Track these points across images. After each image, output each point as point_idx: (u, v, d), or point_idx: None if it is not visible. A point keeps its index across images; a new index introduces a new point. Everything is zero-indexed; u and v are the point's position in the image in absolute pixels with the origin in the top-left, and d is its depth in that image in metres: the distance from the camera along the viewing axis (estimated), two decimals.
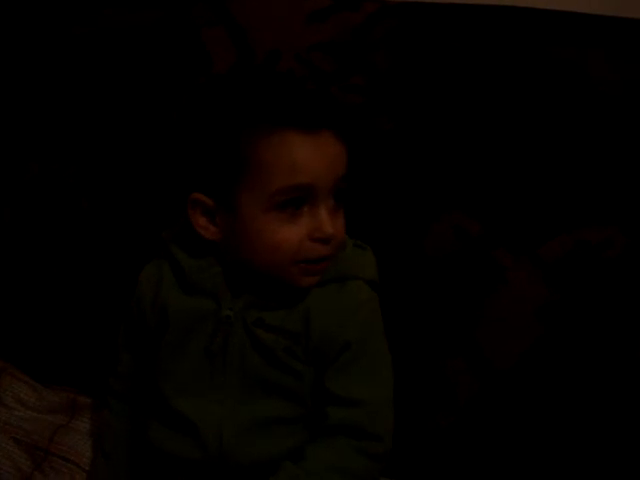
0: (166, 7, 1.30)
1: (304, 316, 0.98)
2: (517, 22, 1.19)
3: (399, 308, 1.17)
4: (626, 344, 1.14)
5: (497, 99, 1.18)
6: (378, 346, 1.01)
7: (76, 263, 1.31)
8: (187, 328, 1.00)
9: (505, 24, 1.19)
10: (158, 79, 1.30)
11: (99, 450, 1.13)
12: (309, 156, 0.92)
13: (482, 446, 1.18)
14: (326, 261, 0.96)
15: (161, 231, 1.07)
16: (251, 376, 0.99)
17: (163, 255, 1.05)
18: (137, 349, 1.09)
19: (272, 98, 0.95)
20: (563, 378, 1.15)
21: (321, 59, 1.22)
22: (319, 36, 1.23)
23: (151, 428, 1.04)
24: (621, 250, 1.13)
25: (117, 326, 1.12)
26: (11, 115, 1.35)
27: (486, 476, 1.18)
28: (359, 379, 0.98)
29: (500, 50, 1.18)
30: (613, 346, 1.13)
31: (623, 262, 1.14)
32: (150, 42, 1.30)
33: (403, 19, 1.22)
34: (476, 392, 1.16)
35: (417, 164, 1.20)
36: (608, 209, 1.15)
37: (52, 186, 1.32)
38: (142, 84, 1.30)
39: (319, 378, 0.99)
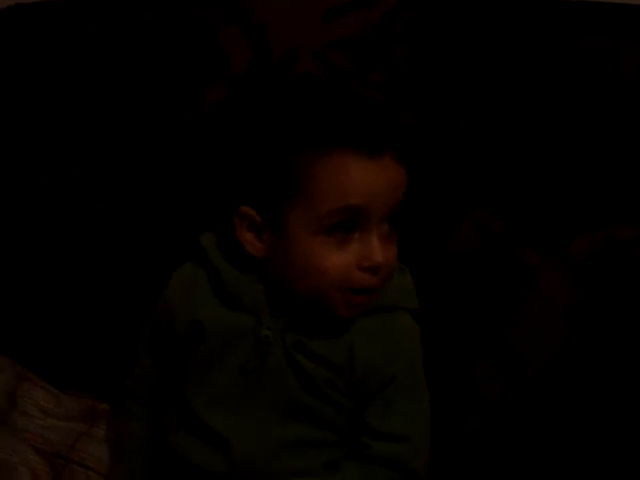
0: (181, 6, 1.29)
1: (348, 348, 0.95)
2: (542, 12, 1.17)
3: (425, 311, 1.14)
4: None
5: (522, 92, 1.16)
6: (420, 380, 0.99)
7: (95, 267, 1.30)
8: (223, 343, 0.97)
9: (530, 14, 1.17)
10: (174, 80, 1.28)
11: (118, 455, 1.12)
12: (368, 180, 0.89)
13: (509, 450, 1.16)
14: (372, 294, 0.93)
15: (184, 235, 1.05)
16: (286, 398, 0.96)
17: (199, 261, 1.01)
18: (161, 355, 1.07)
19: (334, 116, 0.91)
20: (593, 381, 1.12)
21: (339, 57, 1.21)
22: (337, 33, 1.22)
23: (176, 436, 1.02)
24: None
25: (137, 331, 1.10)
26: (25, 119, 1.33)
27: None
28: (401, 415, 0.96)
29: (525, 41, 1.16)
30: None
31: None
32: (166, 42, 1.29)
33: (422, 11, 1.20)
34: (504, 396, 1.14)
35: (439, 161, 1.18)
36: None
37: (69, 190, 1.31)
38: (158, 86, 1.29)
39: (359, 410, 0.97)
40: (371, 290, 0.92)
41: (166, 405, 1.05)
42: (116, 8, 1.31)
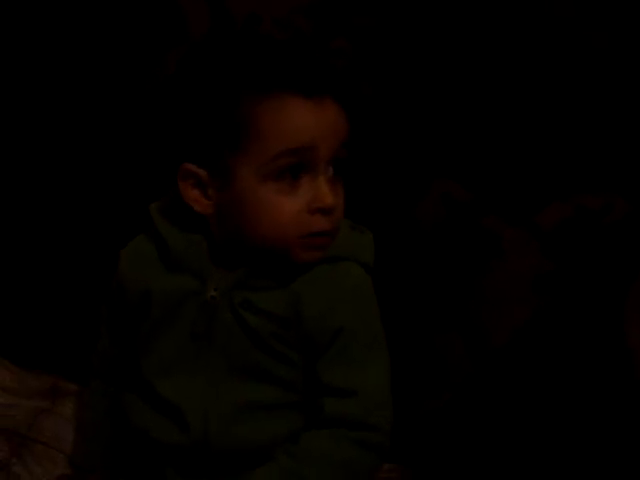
0: None
1: (294, 300, 0.93)
2: None
3: (391, 284, 1.14)
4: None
5: (489, 61, 1.16)
6: (373, 332, 0.96)
7: (56, 243, 1.27)
8: (171, 309, 0.95)
9: None
10: (133, 45, 1.25)
11: (78, 430, 1.10)
12: (310, 120, 0.88)
13: (478, 423, 1.16)
14: (328, 236, 0.91)
15: (145, 206, 1.02)
16: (238, 359, 0.94)
17: (149, 232, 0.99)
18: (117, 329, 1.04)
19: (273, 62, 0.91)
20: (559, 352, 1.12)
21: (302, 22, 1.19)
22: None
23: (134, 411, 0.99)
24: (622, 216, 1.11)
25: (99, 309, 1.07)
26: None
27: (482, 453, 1.15)
28: (354, 368, 0.93)
29: (492, 8, 1.13)
30: (614, 319, 1.10)
31: (624, 228, 1.11)
32: (126, 7, 1.25)
33: None
34: (471, 368, 1.15)
35: (406, 131, 1.17)
36: (608, 174, 1.12)
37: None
38: (118, 51, 1.25)
39: (310, 366, 0.94)
40: (327, 233, 0.91)
41: (126, 380, 1.03)
42: None
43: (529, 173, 1.13)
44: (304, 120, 0.88)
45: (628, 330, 1.02)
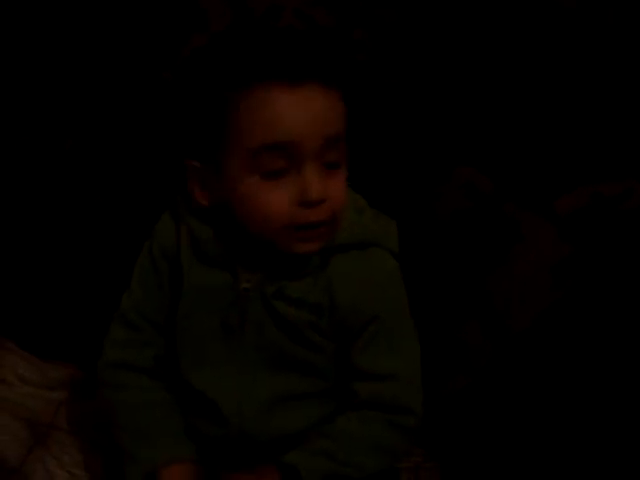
0: None
1: (327, 287, 0.93)
2: None
3: (413, 272, 1.14)
4: None
5: (507, 48, 1.15)
6: (404, 318, 0.97)
7: (74, 237, 1.28)
8: (203, 301, 0.95)
9: None
10: (154, 40, 1.26)
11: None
12: (290, 111, 0.85)
13: (496, 408, 1.16)
14: (323, 227, 0.89)
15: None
16: (270, 350, 0.95)
17: (180, 218, 0.98)
18: (157, 309, 1.00)
19: (252, 50, 0.89)
20: (581, 338, 1.12)
21: (322, 13, 1.19)
22: None
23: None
24: None
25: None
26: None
27: (501, 437, 1.15)
28: (387, 353, 0.95)
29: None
30: (634, 304, 1.10)
31: None
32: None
33: None
34: (492, 354, 1.14)
35: (423, 122, 1.17)
36: (626, 161, 1.11)
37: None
38: (138, 47, 1.26)
39: (343, 353, 0.96)
40: (316, 224, 0.89)
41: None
42: None
43: (547, 161, 1.12)
44: (284, 112, 0.85)
45: None
